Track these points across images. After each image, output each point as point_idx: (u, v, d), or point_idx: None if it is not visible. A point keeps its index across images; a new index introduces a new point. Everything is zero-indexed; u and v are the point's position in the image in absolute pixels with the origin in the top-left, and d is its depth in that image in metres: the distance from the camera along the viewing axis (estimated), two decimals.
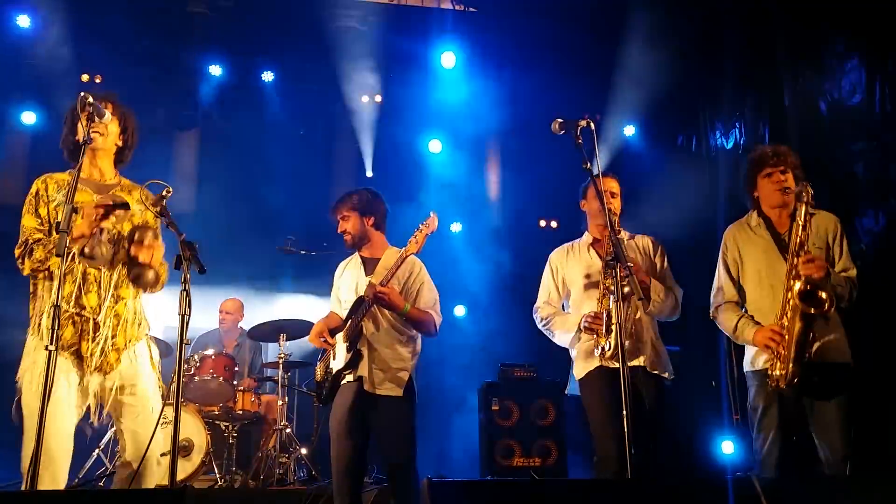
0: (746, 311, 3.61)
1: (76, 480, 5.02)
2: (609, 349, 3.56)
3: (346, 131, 7.84)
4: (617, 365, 3.18)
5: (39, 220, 3.07)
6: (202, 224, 6.92)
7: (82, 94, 3.01)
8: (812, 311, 3.25)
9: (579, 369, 3.82)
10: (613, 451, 3.42)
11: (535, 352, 6.48)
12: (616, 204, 3.85)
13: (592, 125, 3.35)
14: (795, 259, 3.36)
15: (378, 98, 7.82)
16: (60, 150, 3.30)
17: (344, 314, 3.97)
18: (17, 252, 3.04)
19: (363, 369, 3.74)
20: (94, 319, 3.02)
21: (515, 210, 8.01)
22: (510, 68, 7.36)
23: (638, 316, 3.73)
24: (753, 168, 3.70)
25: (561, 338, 3.92)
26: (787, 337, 3.32)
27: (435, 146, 7.96)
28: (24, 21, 6.87)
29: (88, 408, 3.07)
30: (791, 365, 3.30)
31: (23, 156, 7.23)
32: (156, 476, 3.13)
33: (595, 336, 3.65)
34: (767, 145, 3.85)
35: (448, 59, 7.59)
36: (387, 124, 7.77)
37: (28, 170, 7.19)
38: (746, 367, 3.64)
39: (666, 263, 3.96)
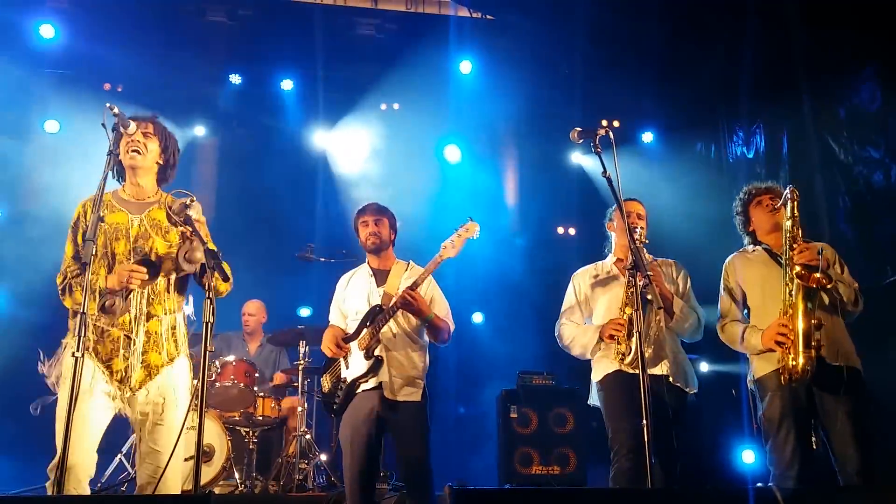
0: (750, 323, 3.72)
1: (98, 486, 5.07)
2: (629, 354, 3.59)
3: (365, 138, 7.88)
4: (635, 371, 3.20)
5: (76, 248, 3.13)
6: (221, 232, 6.93)
7: (108, 104, 3.06)
8: (811, 284, 3.37)
9: (598, 372, 3.84)
10: (627, 442, 3.52)
11: (554, 359, 6.47)
12: (642, 228, 3.82)
13: (611, 134, 3.37)
14: (790, 252, 3.49)
15: (396, 106, 7.86)
16: (82, 158, 3.37)
17: (347, 325, 4.04)
18: (58, 280, 3.12)
19: (384, 375, 3.79)
20: (125, 335, 3.07)
21: (533, 217, 8.01)
22: (527, 75, 7.38)
23: (661, 325, 3.72)
24: (745, 201, 3.91)
25: (581, 350, 3.92)
26: (792, 326, 3.40)
27: (452, 153, 7.98)
28: (47, 31, 6.98)
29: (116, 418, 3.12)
30: (802, 353, 3.36)
31: (46, 164, 7.33)
32: (176, 485, 3.16)
33: (616, 342, 3.67)
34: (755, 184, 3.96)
35: (465, 66, 7.63)
36: (405, 132, 7.80)
37: (50, 178, 7.29)
38: (751, 378, 3.68)
39: (688, 286, 3.97)
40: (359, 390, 3.86)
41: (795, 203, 3.56)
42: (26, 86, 7.09)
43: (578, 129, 3.39)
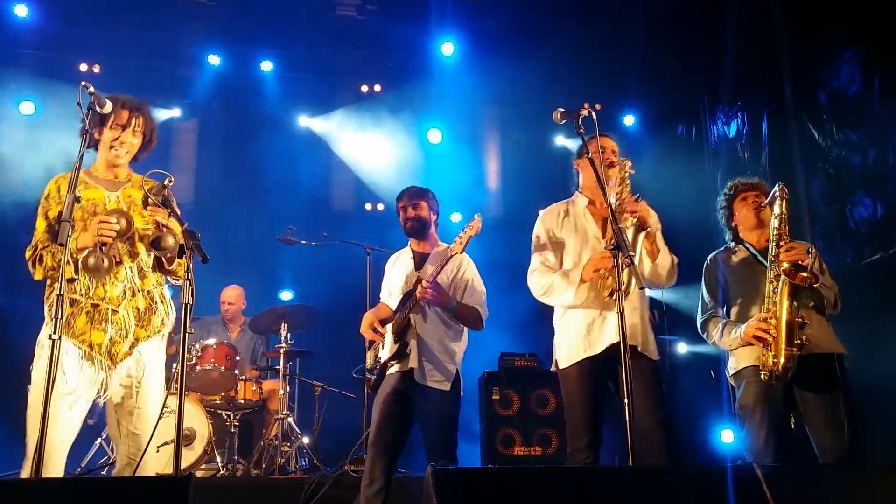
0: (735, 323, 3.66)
1: (78, 470, 5.04)
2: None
3: (345, 120, 7.82)
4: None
5: (48, 223, 3.09)
6: (201, 214, 6.94)
7: (83, 83, 3.01)
8: (798, 282, 3.36)
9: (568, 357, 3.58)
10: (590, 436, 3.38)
11: (535, 341, 6.51)
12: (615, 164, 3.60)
13: (594, 115, 3.35)
14: (777, 249, 3.47)
15: (377, 87, 7.80)
16: (58, 140, 3.32)
17: (394, 305, 4.05)
18: (27, 255, 3.07)
19: (413, 361, 3.81)
20: (111, 309, 3.04)
21: (515, 200, 8.00)
22: (510, 57, 7.34)
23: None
24: (730, 196, 3.84)
25: (564, 298, 3.54)
26: (775, 322, 3.39)
27: (434, 136, 7.95)
28: (21, 11, 6.83)
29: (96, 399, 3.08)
30: (784, 351, 3.36)
31: (21, 146, 7.21)
32: (154, 467, 3.14)
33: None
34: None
35: (447, 48, 7.58)
36: (386, 113, 7.75)
37: (26, 161, 7.17)
38: (730, 372, 3.68)
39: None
40: (390, 371, 3.89)
41: (784, 200, 3.51)
42: (0, 66, 6.95)
43: (561, 109, 3.34)
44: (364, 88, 7.80)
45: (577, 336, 3.48)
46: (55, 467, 2.87)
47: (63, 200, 3.01)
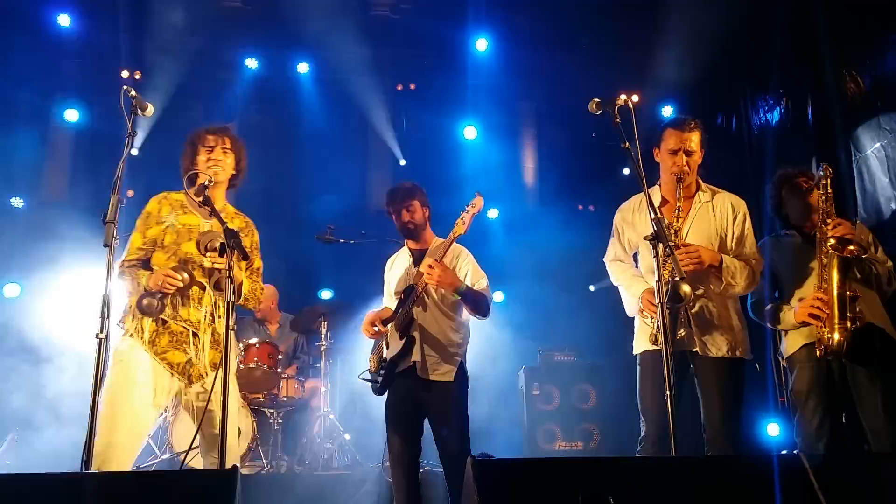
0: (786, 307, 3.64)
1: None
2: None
3: (381, 120, 7.86)
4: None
5: (144, 241, 3.22)
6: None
7: (125, 87, 3.08)
8: (846, 254, 3.36)
9: (635, 346, 3.65)
10: (652, 429, 3.39)
11: (575, 336, 6.47)
12: (695, 159, 3.55)
13: (630, 104, 3.31)
14: (824, 227, 3.47)
15: (412, 86, 7.83)
16: (104, 146, 3.40)
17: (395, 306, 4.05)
18: (117, 267, 3.16)
19: (416, 355, 3.81)
20: (193, 332, 3.16)
21: (552, 194, 7.96)
22: (544, 50, 7.31)
23: (697, 297, 3.41)
24: (777, 184, 3.82)
25: (627, 304, 3.65)
26: (828, 299, 3.37)
27: (470, 132, 7.95)
28: (64, 20, 7.02)
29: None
30: (837, 325, 3.34)
31: (66, 153, 7.38)
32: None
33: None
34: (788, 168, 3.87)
35: (481, 44, 7.58)
36: (421, 112, 7.77)
37: (72, 167, 7.35)
38: (784, 355, 3.64)
39: (745, 230, 3.54)
40: (397, 370, 3.89)
41: (829, 180, 3.53)
42: (46, 75, 7.14)
43: (597, 99, 3.32)
44: (399, 87, 7.83)
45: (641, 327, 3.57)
46: (123, 467, 2.98)
47: (161, 221, 3.23)
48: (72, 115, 7.29)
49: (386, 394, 3.95)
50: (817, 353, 3.39)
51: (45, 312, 6.05)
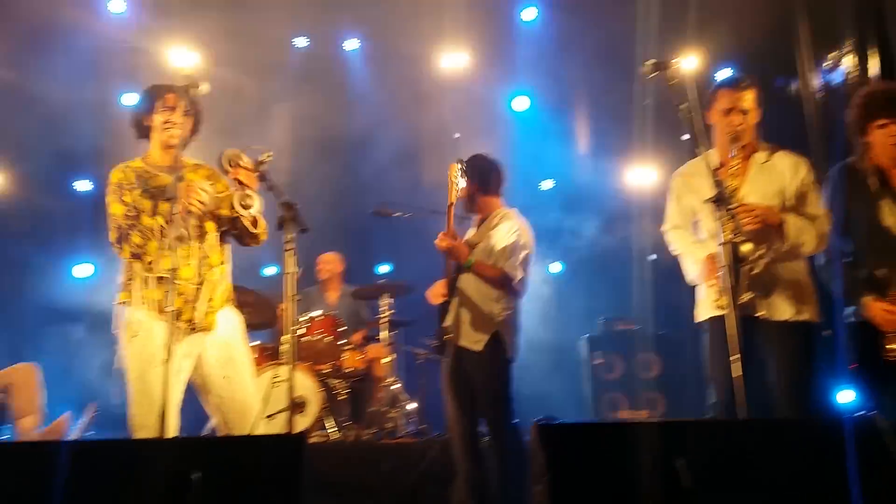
0: (860, 267, 3.41)
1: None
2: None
3: (433, 93, 7.84)
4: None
5: (126, 207, 3.24)
6: (298, 194, 7.10)
7: (177, 67, 3.15)
8: None
9: (699, 313, 3.58)
10: (720, 396, 3.32)
11: (637, 304, 6.40)
12: (751, 117, 3.44)
13: (686, 66, 3.23)
14: None
15: (462, 57, 7.78)
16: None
17: None
18: (112, 237, 3.24)
19: (450, 319, 3.86)
20: (192, 286, 3.20)
21: (607, 162, 7.84)
22: (595, 15, 7.17)
23: (760, 259, 3.28)
24: (865, 114, 3.50)
25: (688, 272, 3.57)
26: None
27: (521, 103, 7.86)
28: (117, 6, 7.17)
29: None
30: None
31: (126, 136, 7.57)
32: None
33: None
34: (880, 85, 3.62)
35: (530, 13, 7.48)
36: (472, 84, 7.73)
37: (132, 150, 7.52)
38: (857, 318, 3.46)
39: (807, 188, 3.42)
40: (445, 336, 3.92)
41: None
42: (102, 61, 7.30)
43: (651, 61, 3.24)
44: (448, 59, 7.78)
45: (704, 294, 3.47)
46: (171, 431, 3.05)
47: (133, 187, 3.25)
48: (130, 99, 7.45)
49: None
50: None
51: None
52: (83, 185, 7.46)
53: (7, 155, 7.08)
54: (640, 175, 7.83)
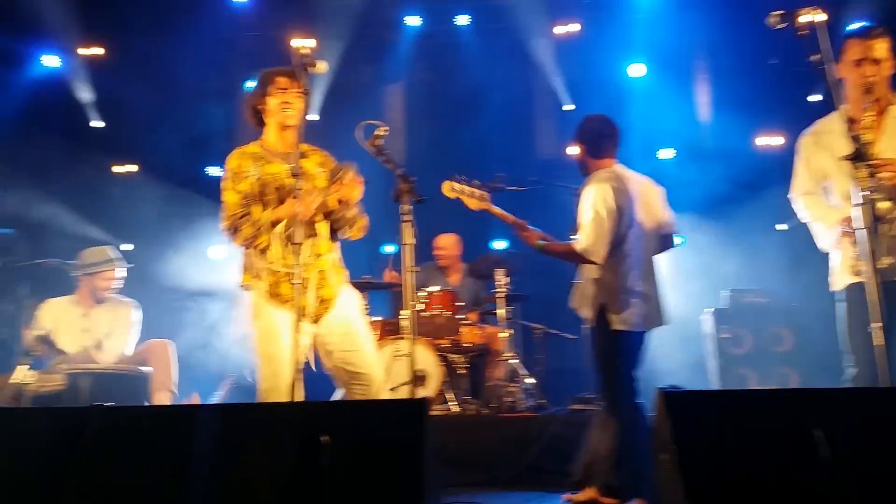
0: None
1: None
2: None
3: (545, 64, 7.74)
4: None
5: (240, 196, 3.34)
6: (413, 172, 7.22)
7: (295, 46, 3.21)
8: None
9: (835, 282, 3.38)
10: (859, 368, 3.12)
11: (764, 276, 6.12)
12: (884, 67, 3.22)
13: (816, 16, 3.01)
14: None
15: (574, 27, 7.63)
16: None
17: None
18: (225, 225, 3.35)
19: (578, 302, 3.85)
20: (305, 275, 3.27)
21: (730, 130, 7.50)
22: None
23: None
24: None
25: (821, 239, 3.39)
26: None
27: (638, 70, 7.63)
28: None
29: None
30: None
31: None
32: None
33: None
34: None
35: None
36: (585, 53, 7.57)
37: (258, 135, 7.87)
38: None
39: None
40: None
41: None
42: (225, 51, 7.65)
43: (778, 12, 3.05)
44: (560, 30, 7.65)
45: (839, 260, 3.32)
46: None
47: (247, 175, 3.33)
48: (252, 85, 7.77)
49: None
50: None
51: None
52: (215, 171, 7.88)
53: (147, 141, 7.58)
54: (767, 139, 7.46)
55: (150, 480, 2.30)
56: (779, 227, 6.83)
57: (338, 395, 4.21)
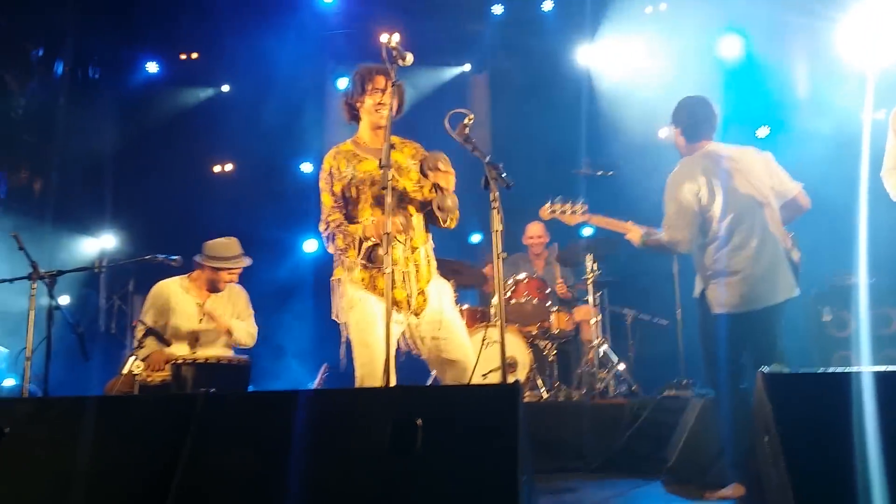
0: None
1: None
2: None
3: (632, 46, 7.59)
4: None
5: (335, 198, 3.39)
6: (500, 161, 7.23)
7: (383, 40, 3.26)
8: None
9: None
10: None
11: (869, 256, 5.82)
12: None
13: None
14: None
15: (663, 6, 7.44)
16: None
17: None
18: (321, 228, 3.41)
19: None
20: (401, 271, 3.31)
21: (832, 105, 7.14)
22: None
23: None
24: None
25: None
26: None
27: (731, 49, 7.35)
28: None
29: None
30: None
31: (342, 120, 8.11)
32: None
33: None
34: None
35: None
36: (675, 32, 7.37)
37: (349, 130, 8.05)
38: None
39: None
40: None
41: None
42: (317, 49, 7.85)
43: None
44: (648, 10, 7.48)
45: None
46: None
47: (343, 176, 3.36)
48: (344, 83, 7.95)
49: None
50: None
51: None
52: (306, 167, 8.12)
53: (245, 140, 7.89)
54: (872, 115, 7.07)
55: (253, 462, 2.41)
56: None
57: (430, 381, 4.30)
